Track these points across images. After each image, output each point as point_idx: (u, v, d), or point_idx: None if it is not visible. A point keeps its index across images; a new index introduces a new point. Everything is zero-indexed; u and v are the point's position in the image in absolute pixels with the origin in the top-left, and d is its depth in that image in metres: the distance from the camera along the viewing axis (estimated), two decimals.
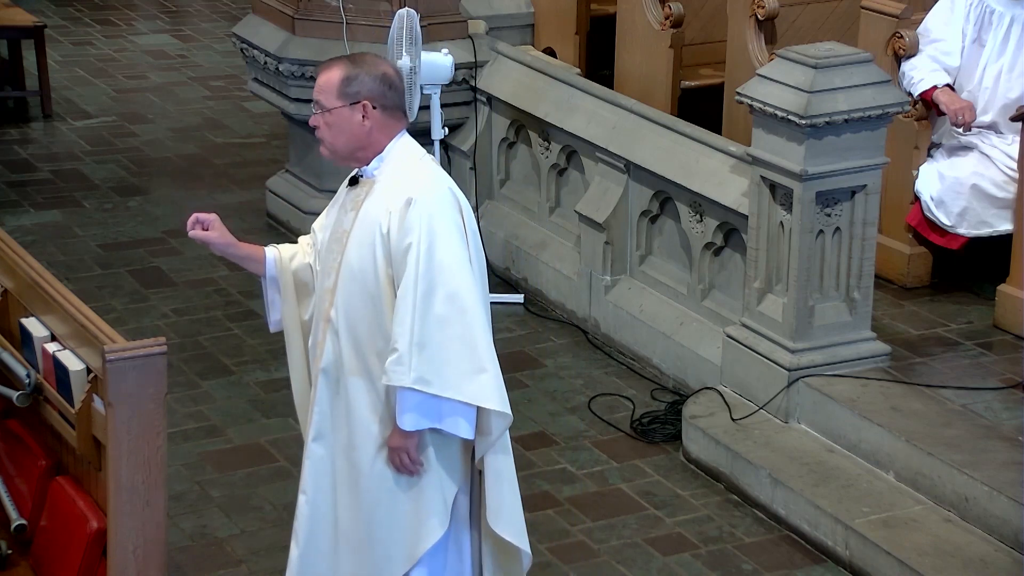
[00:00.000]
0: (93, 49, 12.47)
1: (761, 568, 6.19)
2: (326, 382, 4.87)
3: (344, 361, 4.84)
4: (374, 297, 4.77)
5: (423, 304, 4.68)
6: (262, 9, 9.01)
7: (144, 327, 7.88)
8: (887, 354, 6.88)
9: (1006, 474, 6.05)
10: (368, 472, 4.86)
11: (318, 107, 4.85)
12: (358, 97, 4.79)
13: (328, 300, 4.85)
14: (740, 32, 7.97)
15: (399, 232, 4.71)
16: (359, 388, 4.84)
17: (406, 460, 4.82)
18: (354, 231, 4.82)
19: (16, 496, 4.97)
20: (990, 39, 7.45)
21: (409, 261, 4.69)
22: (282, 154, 9.68)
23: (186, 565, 6.11)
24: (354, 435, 4.86)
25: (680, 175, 7.37)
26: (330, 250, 4.91)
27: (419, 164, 4.86)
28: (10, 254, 5.01)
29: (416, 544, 4.89)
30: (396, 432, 4.80)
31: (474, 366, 4.75)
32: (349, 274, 4.81)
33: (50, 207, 9.45)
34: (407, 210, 4.71)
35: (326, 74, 4.85)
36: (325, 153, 4.91)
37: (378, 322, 4.78)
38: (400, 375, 4.70)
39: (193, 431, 7.06)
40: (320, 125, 4.84)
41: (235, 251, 5.03)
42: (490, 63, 8.65)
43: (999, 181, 7.36)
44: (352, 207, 4.87)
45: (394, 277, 4.74)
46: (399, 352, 4.69)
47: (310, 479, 4.93)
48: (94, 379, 4.47)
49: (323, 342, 4.86)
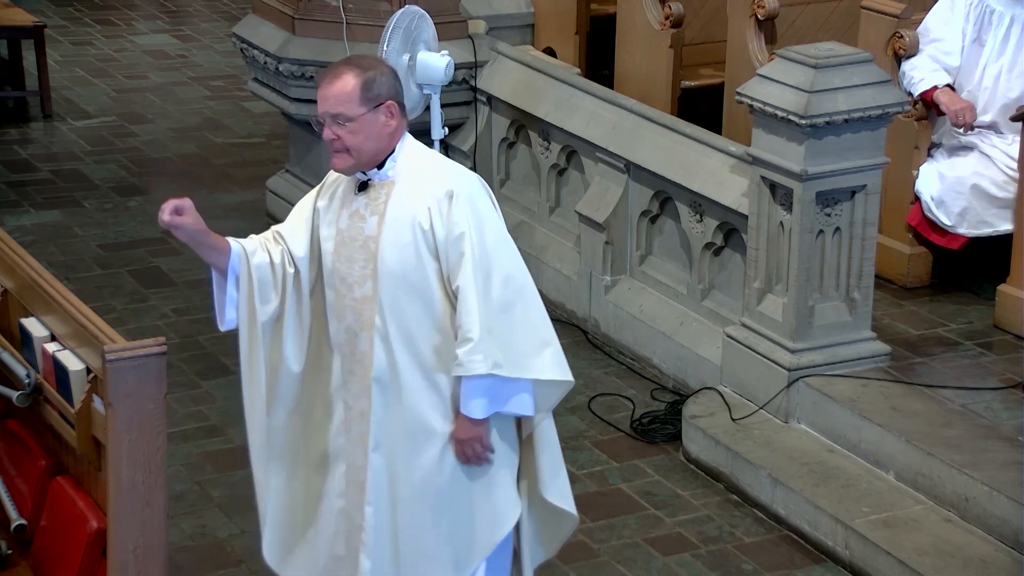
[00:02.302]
0: (93, 49, 12.48)
1: (761, 568, 6.19)
2: (380, 390, 4.81)
3: (398, 365, 4.79)
4: (423, 295, 4.75)
5: (485, 290, 4.70)
6: (262, 9, 9.01)
7: (144, 327, 7.88)
8: (887, 354, 6.88)
9: (1006, 474, 6.05)
10: (437, 472, 4.83)
11: (338, 119, 4.73)
12: (381, 99, 4.75)
13: (369, 308, 4.78)
14: (740, 32, 7.97)
15: (446, 225, 4.71)
16: (417, 388, 4.80)
17: (478, 449, 4.82)
18: (385, 234, 4.76)
19: (16, 496, 4.97)
20: (990, 39, 7.45)
21: (464, 251, 4.70)
22: (282, 154, 9.68)
23: (186, 565, 6.11)
24: (415, 437, 4.82)
25: (680, 175, 7.37)
26: (350, 259, 4.82)
27: (434, 158, 4.89)
28: (10, 254, 5.01)
29: (495, 532, 4.91)
30: (465, 423, 4.79)
31: (538, 341, 4.81)
32: (391, 278, 4.75)
33: (50, 207, 9.45)
34: (450, 203, 4.72)
35: (338, 83, 4.73)
36: (345, 164, 4.78)
37: (431, 319, 4.77)
38: (477, 363, 4.69)
39: (193, 431, 7.06)
40: (341, 135, 4.73)
41: (204, 239, 4.81)
42: (490, 63, 8.65)
43: (999, 181, 7.36)
44: (372, 212, 4.80)
45: (443, 270, 4.74)
46: (473, 341, 4.68)
47: (373, 490, 4.86)
48: (94, 379, 4.47)
49: (370, 351, 4.80)
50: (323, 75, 4.80)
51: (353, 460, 4.90)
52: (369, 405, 4.83)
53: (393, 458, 4.85)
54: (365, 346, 4.81)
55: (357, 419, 4.87)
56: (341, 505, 4.94)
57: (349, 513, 4.93)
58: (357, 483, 4.90)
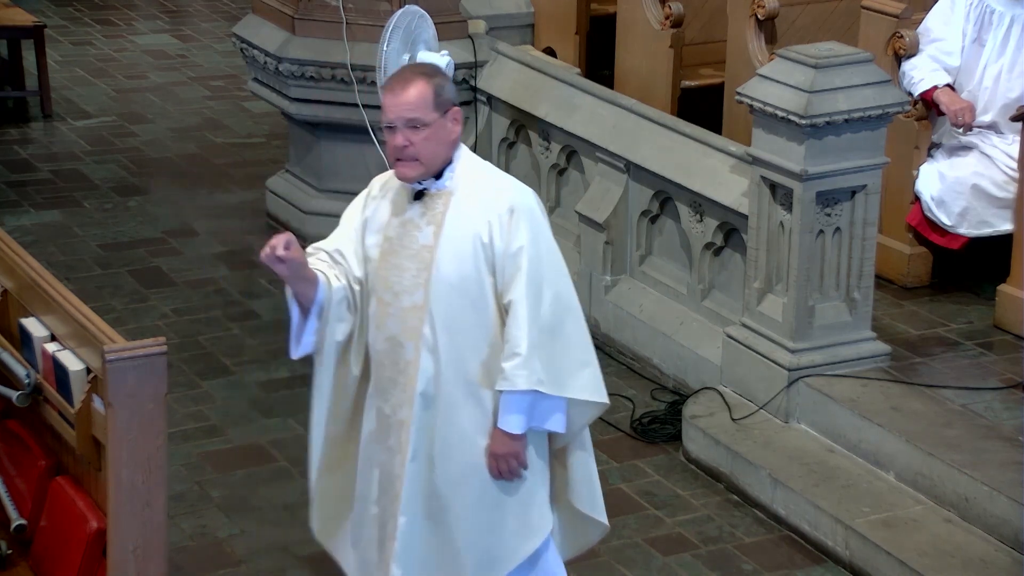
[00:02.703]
0: (93, 49, 12.48)
1: (761, 568, 6.19)
2: (423, 401, 4.79)
3: (444, 377, 4.77)
4: (477, 308, 4.74)
5: (535, 307, 4.71)
6: (262, 9, 9.01)
7: (144, 327, 7.88)
8: (887, 354, 6.88)
9: (1006, 474, 6.05)
10: (472, 485, 4.83)
11: (413, 123, 4.67)
12: (449, 105, 4.75)
13: (418, 317, 4.76)
14: (740, 32, 7.97)
15: (505, 240, 4.71)
16: (460, 401, 4.79)
17: (513, 465, 4.82)
18: (443, 245, 4.74)
19: (16, 496, 4.97)
20: (990, 39, 7.45)
21: (521, 266, 4.70)
22: (282, 154, 9.68)
23: (186, 565, 6.11)
24: (453, 450, 4.81)
25: (680, 175, 7.37)
26: (400, 268, 4.79)
27: (490, 169, 4.90)
28: (10, 254, 5.01)
29: (526, 544, 4.92)
30: (504, 438, 4.79)
31: (579, 361, 4.82)
32: (446, 288, 4.73)
33: (50, 207, 9.45)
34: (511, 217, 4.71)
35: (412, 89, 4.68)
36: (414, 172, 4.73)
37: (482, 332, 4.76)
38: (523, 378, 4.70)
39: (193, 431, 7.06)
40: (414, 142, 4.69)
41: (304, 272, 4.72)
42: (490, 63, 8.65)
43: (999, 181, 7.36)
44: (428, 221, 4.77)
45: (497, 284, 4.73)
46: (521, 356, 4.69)
47: (410, 500, 4.84)
48: (94, 379, 4.47)
49: (416, 361, 4.78)
50: (391, 82, 4.74)
51: (388, 468, 4.89)
52: (411, 415, 4.80)
53: (430, 469, 4.83)
54: (411, 355, 4.79)
55: (395, 428, 4.85)
56: (374, 512, 4.93)
57: (382, 521, 4.91)
58: (391, 492, 4.88)
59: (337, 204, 8.81)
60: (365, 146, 8.66)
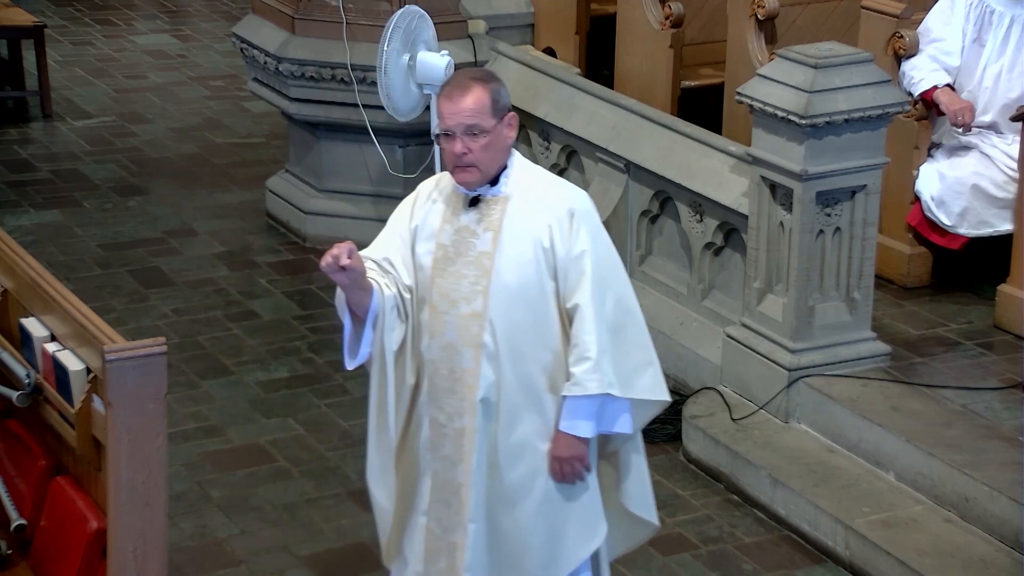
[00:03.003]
0: (93, 49, 12.48)
1: (761, 568, 6.19)
2: (484, 409, 4.75)
3: (505, 384, 4.74)
4: (539, 313, 4.71)
5: (601, 310, 4.69)
6: (262, 9, 9.01)
7: (144, 327, 7.88)
8: (887, 354, 6.88)
9: (1006, 474, 6.05)
10: (535, 490, 4.80)
11: (472, 130, 4.63)
12: (505, 110, 4.71)
13: (477, 325, 4.72)
14: (740, 32, 7.97)
15: (567, 244, 4.68)
16: (522, 407, 4.76)
17: (578, 468, 4.80)
18: (502, 251, 4.71)
19: (16, 496, 4.97)
20: (990, 39, 7.45)
21: (585, 270, 4.68)
22: (282, 154, 9.68)
23: (186, 565, 6.11)
24: (516, 456, 4.78)
25: (680, 175, 7.37)
26: (457, 275, 4.75)
27: (543, 173, 4.87)
28: (10, 254, 5.01)
29: (585, 547, 4.91)
30: (570, 441, 4.76)
31: (643, 361, 4.81)
32: (507, 295, 4.70)
33: (50, 207, 9.45)
34: (571, 221, 4.69)
35: (471, 95, 4.63)
36: (472, 179, 4.69)
37: (543, 337, 4.73)
38: (596, 382, 4.68)
39: (193, 431, 7.06)
40: (473, 149, 4.64)
41: (362, 281, 4.66)
42: (490, 63, 8.65)
43: (999, 181, 7.36)
44: (486, 228, 4.73)
45: (558, 289, 4.71)
46: (591, 360, 4.67)
47: (478, 507, 4.81)
48: (94, 379, 4.47)
49: (476, 369, 4.74)
50: (448, 88, 4.68)
51: (443, 478, 4.84)
52: (473, 424, 4.76)
53: (494, 477, 4.80)
54: (470, 363, 4.75)
55: (453, 437, 4.80)
56: (423, 522, 4.90)
57: (441, 532, 4.87)
58: (447, 502, 4.84)
59: (337, 204, 8.90)
60: (365, 146, 8.66)
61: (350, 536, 6.34)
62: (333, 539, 6.32)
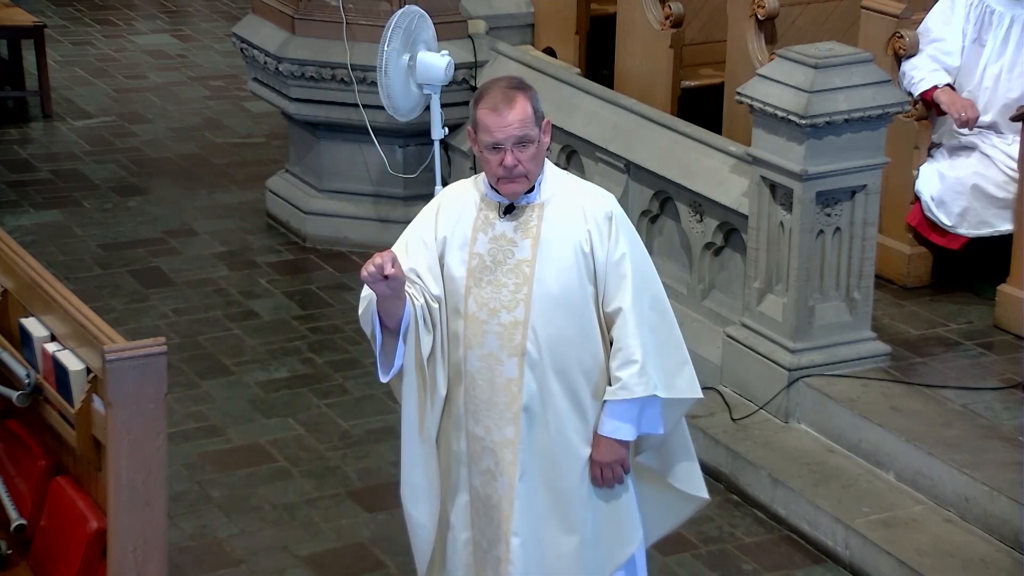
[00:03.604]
0: (93, 49, 12.48)
1: (761, 568, 6.19)
2: (527, 418, 4.71)
3: (548, 391, 4.70)
4: (580, 318, 4.68)
5: (643, 313, 4.69)
6: (262, 9, 9.01)
7: (144, 327, 7.88)
8: (887, 354, 6.88)
9: (1006, 474, 6.05)
10: (577, 496, 4.77)
11: (523, 142, 4.59)
12: (542, 116, 4.68)
13: (520, 333, 4.67)
14: (740, 32, 7.97)
15: (606, 248, 4.67)
16: (564, 414, 4.72)
17: (619, 472, 4.78)
18: (542, 258, 4.67)
19: (16, 496, 4.97)
20: (990, 39, 7.45)
21: (626, 273, 4.68)
22: (282, 154, 9.68)
23: (186, 565, 6.11)
24: (560, 463, 4.75)
25: (680, 175, 7.37)
26: (496, 284, 4.69)
27: (571, 176, 4.85)
28: (10, 254, 5.01)
29: (624, 550, 4.89)
30: (612, 446, 4.74)
31: (680, 360, 4.79)
32: (549, 301, 4.66)
33: (50, 207, 9.45)
34: (609, 225, 4.69)
35: (517, 107, 4.58)
36: (521, 189, 4.66)
37: (584, 342, 4.70)
38: (642, 386, 4.68)
39: (193, 431, 7.06)
40: (523, 160, 4.60)
41: (402, 290, 4.59)
42: (490, 63, 8.65)
43: (999, 181, 7.36)
44: (524, 235, 4.69)
45: (597, 293, 4.69)
46: (638, 363, 4.66)
47: (521, 520, 4.76)
48: (94, 379, 4.47)
49: (520, 378, 4.69)
50: (491, 100, 4.61)
51: (484, 492, 4.79)
52: (517, 434, 4.72)
53: (539, 486, 4.76)
54: (513, 373, 4.70)
55: (494, 450, 4.75)
56: (465, 537, 4.85)
57: (482, 546, 4.82)
58: (492, 516, 4.79)
59: (337, 204, 8.90)
60: (365, 146, 8.67)
61: (350, 536, 6.34)
62: (333, 539, 6.32)
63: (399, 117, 8.08)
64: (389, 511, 6.47)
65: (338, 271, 8.63)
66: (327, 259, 8.78)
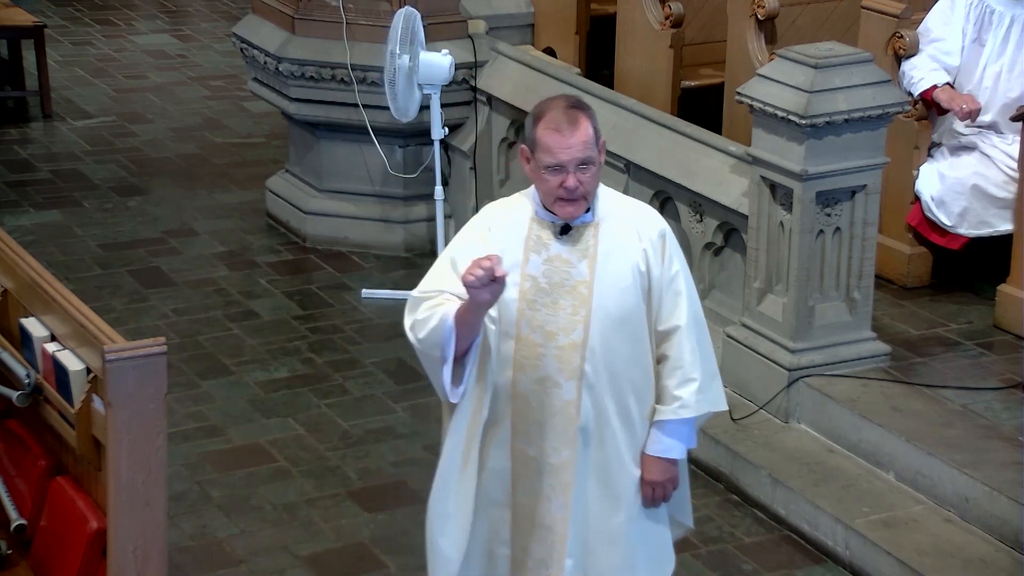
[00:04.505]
0: (93, 49, 12.48)
1: (761, 568, 6.19)
2: (583, 440, 4.63)
3: (604, 412, 4.63)
4: (635, 338, 4.62)
5: (695, 330, 4.67)
6: (262, 9, 9.01)
7: (144, 327, 7.88)
8: (887, 354, 6.88)
9: (1006, 474, 6.05)
10: (628, 516, 4.72)
11: (584, 164, 4.51)
12: (599, 136, 4.60)
13: (578, 355, 4.59)
14: (740, 32, 7.97)
15: (661, 266, 4.63)
16: (618, 435, 4.66)
17: (670, 490, 4.75)
18: (600, 279, 4.59)
19: (16, 496, 4.97)
20: (990, 39, 7.45)
21: (681, 290, 4.64)
22: (282, 154, 9.68)
23: (186, 565, 6.11)
24: (613, 483, 4.69)
25: (680, 175, 7.37)
26: (554, 305, 4.59)
27: (618, 194, 4.80)
28: (10, 254, 5.01)
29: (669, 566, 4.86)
30: (664, 465, 4.70)
31: (714, 372, 4.76)
32: (608, 322, 4.58)
33: (50, 207, 9.46)
34: (663, 243, 4.64)
35: (580, 128, 4.50)
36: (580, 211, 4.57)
37: (637, 361, 4.64)
38: (702, 403, 4.67)
39: (193, 431, 7.06)
40: (584, 182, 4.52)
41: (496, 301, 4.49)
42: (490, 63, 8.65)
43: (999, 181, 7.36)
44: (581, 256, 4.61)
45: (649, 311, 4.64)
46: (697, 381, 4.64)
47: (575, 541, 4.69)
48: (94, 379, 4.47)
49: (577, 400, 4.60)
50: (553, 120, 4.52)
51: (530, 512, 4.70)
52: (573, 456, 4.63)
53: (590, 507, 4.70)
54: (571, 395, 4.61)
55: (550, 472, 4.65)
56: (505, 553, 4.77)
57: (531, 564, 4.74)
58: (539, 536, 4.71)
59: (337, 204, 8.90)
60: (365, 146, 8.67)
61: (350, 536, 6.34)
62: (333, 539, 6.32)
63: (404, 119, 8.08)
64: (389, 511, 6.48)
65: (338, 271, 8.63)
66: (327, 259, 8.78)
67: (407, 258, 8.73)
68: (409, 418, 7.19)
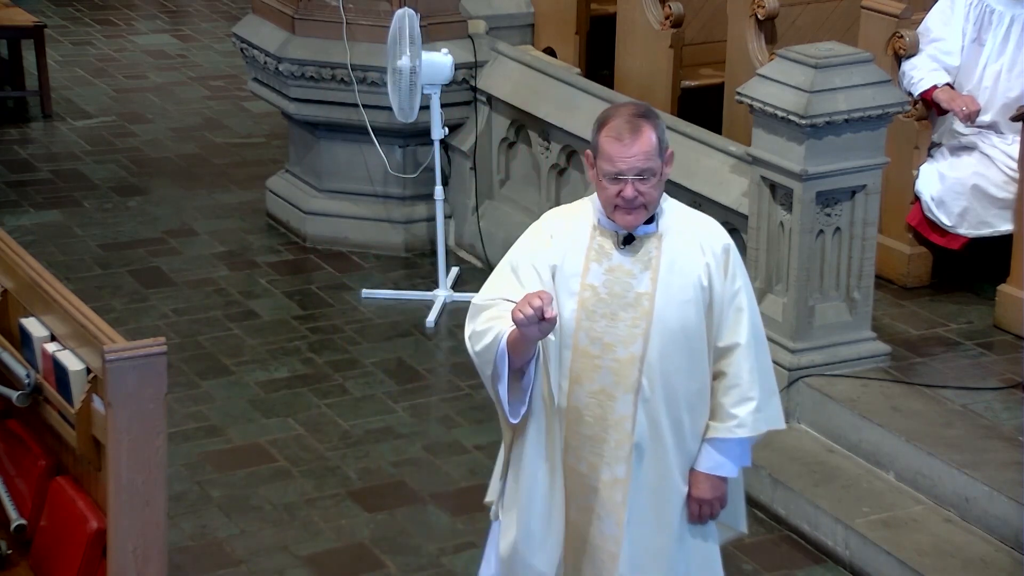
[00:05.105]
0: (93, 49, 12.48)
1: (761, 568, 6.19)
2: (638, 456, 4.56)
3: (658, 428, 4.55)
4: (693, 352, 4.54)
5: (754, 347, 4.60)
6: (262, 9, 9.01)
7: (144, 327, 7.88)
8: (887, 354, 6.88)
9: (1006, 474, 6.05)
10: (679, 535, 4.65)
11: (644, 174, 4.43)
12: (666, 147, 4.52)
13: (636, 369, 4.50)
14: (740, 32, 7.97)
15: (723, 280, 4.56)
16: (671, 451, 4.59)
17: (718, 508, 4.69)
18: (662, 292, 4.51)
19: (16, 496, 4.97)
20: (990, 39, 7.45)
21: (743, 306, 4.57)
22: (282, 154, 9.68)
23: (186, 565, 6.11)
24: (665, 501, 4.62)
25: (680, 175, 7.35)
26: (613, 317, 4.51)
27: (682, 205, 4.69)
28: (10, 254, 5.01)
29: None
30: (715, 483, 4.64)
31: (774, 389, 4.71)
32: (668, 336, 4.50)
33: (50, 207, 9.45)
34: (727, 257, 4.57)
35: (643, 138, 4.44)
36: (639, 220, 4.50)
37: (694, 377, 4.56)
38: (760, 423, 4.61)
39: (193, 431, 7.06)
40: (644, 192, 4.44)
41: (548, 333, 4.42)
42: (490, 63, 8.65)
43: (999, 181, 7.36)
44: (643, 268, 4.53)
45: (709, 326, 4.56)
46: (755, 400, 4.58)
47: (628, 563, 4.61)
48: (94, 379, 4.47)
49: (632, 415, 4.52)
50: (616, 128, 4.46)
51: (585, 530, 4.64)
52: (627, 473, 4.56)
53: (644, 527, 4.63)
54: (627, 410, 4.54)
55: (604, 488, 4.59)
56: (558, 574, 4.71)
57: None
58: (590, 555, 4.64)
59: (337, 204, 8.90)
60: (365, 146, 8.66)
61: (350, 536, 6.33)
62: (333, 539, 6.32)
63: (407, 120, 8.08)
64: (389, 511, 6.48)
65: (338, 271, 8.63)
66: (327, 259, 8.78)
67: (407, 258, 8.73)
68: (409, 418, 7.19)
